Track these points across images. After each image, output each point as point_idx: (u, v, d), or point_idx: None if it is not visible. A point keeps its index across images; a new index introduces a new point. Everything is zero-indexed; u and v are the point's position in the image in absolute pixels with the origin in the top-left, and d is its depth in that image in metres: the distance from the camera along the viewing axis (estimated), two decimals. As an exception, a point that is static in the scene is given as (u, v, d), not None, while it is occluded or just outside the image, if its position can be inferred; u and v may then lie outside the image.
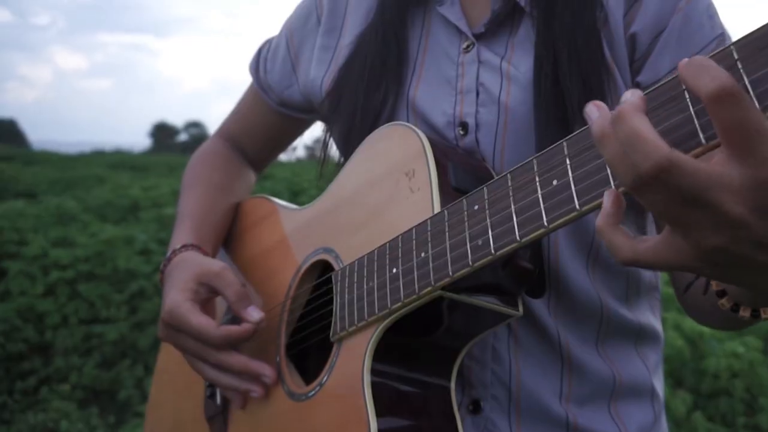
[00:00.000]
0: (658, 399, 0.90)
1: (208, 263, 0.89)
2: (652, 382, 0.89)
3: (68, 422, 3.98)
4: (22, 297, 5.16)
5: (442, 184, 0.72)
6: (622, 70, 0.81)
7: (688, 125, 0.49)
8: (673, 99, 0.50)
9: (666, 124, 0.50)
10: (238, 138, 1.16)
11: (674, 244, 0.49)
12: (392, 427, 0.70)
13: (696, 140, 0.48)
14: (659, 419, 0.91)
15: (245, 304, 0.84)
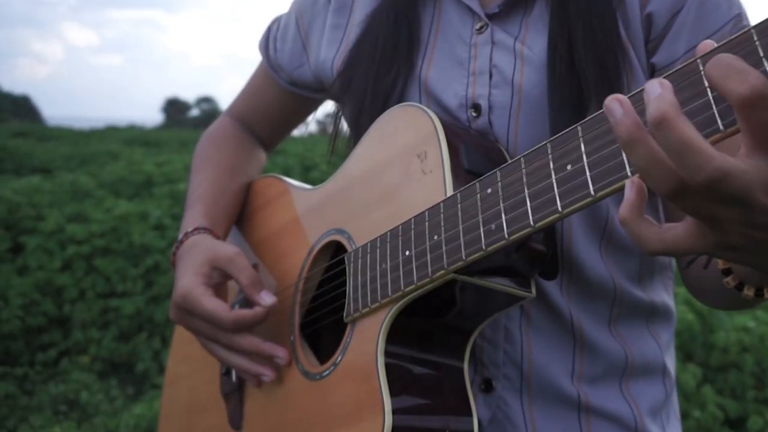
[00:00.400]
0: (669, 376, 0.90)
1: (221, 248, 0.89)
2: (663, 359, 0.89)
3: (88, 393, 4.06)
4: (41, 271, 5.22)
5: (454, 167, 0.72)
6: (638, 51, 0.79)
7: (706, 111, 0.48)
8: (691, 84, 0.49)
9: (683, 109, 0.49)
10: (248, 117, 1.15)
11: (701, 233, 0.49)
12: (406, 407, 0.71)
13: (714, 127, 0.47)
14: (670, 396, 0.91)
15: (258, 289, 0.84)
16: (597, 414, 0.83)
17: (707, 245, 0.49)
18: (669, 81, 0.49)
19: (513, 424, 0.82)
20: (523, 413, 0.82)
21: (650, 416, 0.86)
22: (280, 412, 0.84)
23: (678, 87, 0.50)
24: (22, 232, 5.68)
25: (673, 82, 0.50)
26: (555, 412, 0.82)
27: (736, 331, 2.87)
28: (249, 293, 0.85)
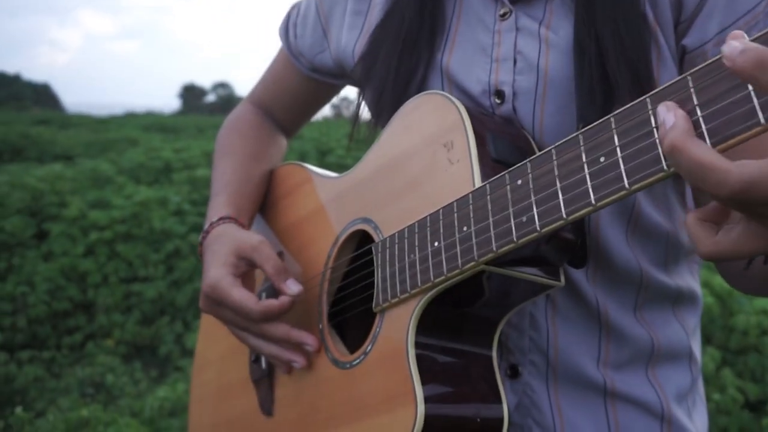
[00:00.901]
0: (695, 361, 0.90)
1: (247, 237, 0.89)
2: (689, 344, 0.88)
3: (113, 376, 4.12)
4: (65, 257, 5.29)
5: (481, 156, 0.71)
6: (666, 33, 0.77)
7: (746, 104, 0.47)
8: (730, 75, 0.48)
9: (721, 103, 0.48)
10: (269, 104, 1.14)
11: (757, 234, 0.50)
12: (437, 396, 0.71)
13: (755, 120, 0.46)
14: (696, 381, 0.90)
15: (284, 277, 0.85)
16: (623, 399, 0.83)
17: (763, 246, 0.50)
18: (704, 71, 0.49)
19: (539, 410, 0.82)
20: (549, 399, 0.82)
21: (676, 401, 0.86)
22: (311, 399, 0.85)
23: (715, 78, 0.49)
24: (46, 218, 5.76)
25: (710, 72, 0.49)
26: (581, 397, 0.82)
27: (756, 314, 2.85)
28: (275, 282, 0.85)
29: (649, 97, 0.53)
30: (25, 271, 5.20)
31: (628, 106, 0.55)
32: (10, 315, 4.79)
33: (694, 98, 0.50)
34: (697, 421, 0.89)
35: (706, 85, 0.50)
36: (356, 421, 0.77)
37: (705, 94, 0.49)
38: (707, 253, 0.52)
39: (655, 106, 0.53)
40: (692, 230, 0.53)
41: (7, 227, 5.54)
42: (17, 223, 5.61)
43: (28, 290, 5.03)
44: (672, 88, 0.52)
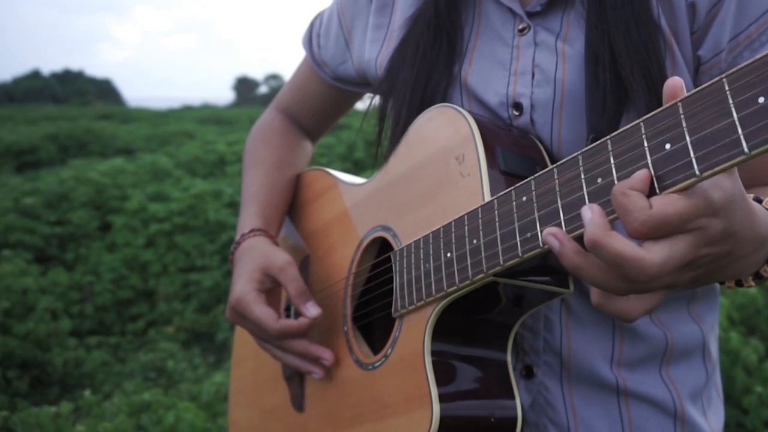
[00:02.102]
0: (710, 357, 0.89)
1: (274, 255, 0.92)
2: (705, 341, 0.88)
3: (174, 361, 4.29)
4: (127, 248, 5.52)
5: (491, 169, 0.73)
6: (682, 43, 0.77)
7: (731, 133, 0.48)
8: (716, 104, 0.49)
9: (707, 130, 0.49)
10: (294, 110, 1.17)
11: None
12: (453, 398, 0.74)
13: (738, 149, 0.47)
14: (712, 377, 0.90)
15: (304, 300, 0.89)
16: (636, 398, 0.84)
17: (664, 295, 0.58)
18: (694, 98, 0.50)
19: (553, 409, 0.84)
20: (563, 398, 0.84)
21: (690, 400, 0.86)
22: (337, 397, 0.89)
23: (702, 105, 0.50)
24: (110, 211, 6.02)
25: (699, 100, 0.50)
26: (594, 397, 0.84)
27: (806, 304, 2.75)
28: (296, 303, 0.89)
29: (643, 122, 0.55)
30: (91, 262, 5.46)
31: (622, 130, 0.56)
32: (79, 303, 5.04)
33: (683, 123, 0.51)
34: (712, 420, 0.89)
35: (695, 111, 0.51)
36: (378, 420, 0.81)
37: (694, 120, 0.50)
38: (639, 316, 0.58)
39: (648, 131, 0.54)
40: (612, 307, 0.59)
41: (73, 220, 5.82)
42: (83, 215, 5.88)
43: (95, 279, 5.28)
44: (664, 114, 0.53)
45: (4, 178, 7.81)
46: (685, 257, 0.53)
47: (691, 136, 0.50)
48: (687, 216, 0.52)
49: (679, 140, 0.51)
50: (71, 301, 5.02)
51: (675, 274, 0.54)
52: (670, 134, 0.52)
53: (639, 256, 0.52)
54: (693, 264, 0.54)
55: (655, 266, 0.52)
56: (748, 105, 0.47)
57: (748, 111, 0.47)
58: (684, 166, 0.51)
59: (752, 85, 0.47)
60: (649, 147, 0.53)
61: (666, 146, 0.52)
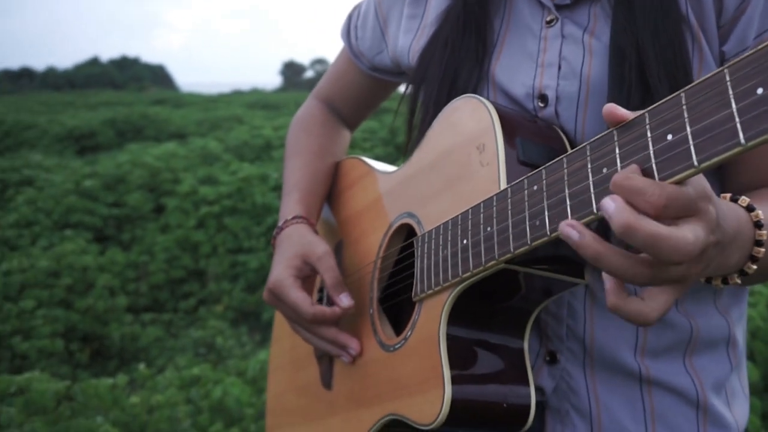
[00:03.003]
0: (735, 349, 0.88)
1: (314, 245, 0.96)
2: (731, 333, 0.87)
3: (222, 338, 4.44)
4: (179, 229, 5.70)
5: (509, 159, 0.74)
6: (709, 37, 0.76)
7: (728, 123, 0.48)
8: (717, 95, 0.49)
9: (706, 121, 0.49)
10: (333, 100, 1.20)
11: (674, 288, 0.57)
12: (465, 381, 0.76)
13: (735, 141, 0.47)
14: (737, 369, 0.89)
15: (339, 290, 0.92)
16: (659, 386, 0.84)
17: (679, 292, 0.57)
18: (698, 88, 0.51)
19: (576, 394, 0.85)
20: (586, 385, 0.85)
21: (714, 390, 0.86)
22: (361, 377, 0.92)
23: (705, 96, 0.50)
24: (163, 194, 6.21)
25: (703, 90, 0.50)
26: (617, 384, 0.84)
27: None
28: (331, 293, 0.92)
29: (648, 112, 0.55)
30: (146, 242, 5.67)
31: (629, 121, 0.56)
32: (134, 281, 5.25)
33: (685, 114, 0.51)
34: (736, 412, 0.88)
35: (698, 101, 0.51)
36: (396, 400, 0.83)
37: (695, 111, 0.51)
38: (654, 319, 0.57)
39: (652, 122, 0.54)
40: (628, 308, 0.57)
41: (130, 202, 6.04)
42: (138, 198, 6.10)
43: (149, 259, 5.48)
44: (668, 104, 0.53)
45: (65, 161, 8.14)
46: (707, 239, 0.53)
47: (692, 126, 0.50)
48: (695, 195, 0.52)
49: (680, 131, 0.51)
50: (127, 279, 5.23)
51: (693, 262, 0.54)
52: (672, 125, 0.52)
53: (675, 234, 0.51)
54: (706, 251, 0.54)
55: (689, 244, 0.51)
56: (747, 95, 0.47)
57: (746, 102, 0.47)
58: (683, 156, 0.51)
59: (752, 76, 0.47)
60: (652, 137, 0.54)
61: (668, 137, 0.52)
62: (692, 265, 0.55)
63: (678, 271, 0.54)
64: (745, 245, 0.62)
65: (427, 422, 0.76)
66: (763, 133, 0.45)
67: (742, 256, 0.63)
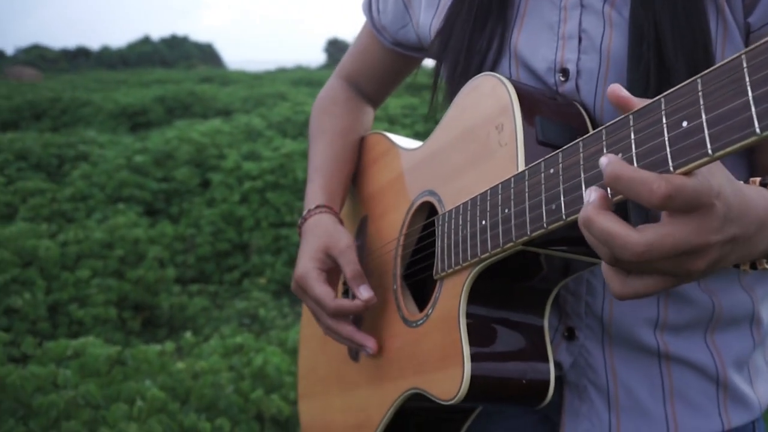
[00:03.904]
0: (759, 326, 0.87)
1: (337, 237, 0.96)
2: (755, 310, 0.86)
3: (265, 310, 4.54)
4: (224, 204, 5.81)
5: (527, 140, 0.73)
6: (734, 7, 0.73)
7: (744, 112, 0.46)
8: (733, 81, 0.48)
9: (722, 109, 0.48)
10: (356, 77, 1.19)
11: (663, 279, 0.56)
12: (485, 359, 0.77)
13: (750, 130, 0.46)
14: (761, 346, 0.88)
15: (359, 283, 0.93)
16: (678, 362, 0.83)
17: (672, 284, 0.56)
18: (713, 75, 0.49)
19: (593, 370, 0.85)
20: (604, 361, 0.84)
21: (735, 367, 0.84)
22: (385, 351, 0.94)
23: (720, 84, 0.49)
24: (209, 169, 6.33)
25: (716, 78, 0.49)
26: (635, 360, 0.84)
27: None
28: (351, 286, 0.93)
29: (664, 97, 0.54)
30: (193, 215, 5.80)
31: (644, 105, 0.55)
32: (182, 253, 5.39)
33: (701, 101, 0.50)
34: (759, 389, 0.86)
35: (714, 88, 0.49)
36: (419, 375, 0.85)
37: (711, 98, 0.49)
38: (619, 294, 0.56)
39: (668, 108, 0.53)
40: (606, 275, 0.57)
41: (177, 177, 6.18)
42: (186, 173, 6.23)
43: (196, 232, 5.62)
44: (684, 90, 0.52)
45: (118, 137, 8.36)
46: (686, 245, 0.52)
47: (707, 114, 0.49)
48: (702, 190, 0.51)
49: (695, 118, 0.50)
50: (176, 252, 5.38)
51: (675, 260, 0.53)
52: (687, 111, 0.51)
53: (625, 233, 0.52)
54: (703, 251, 0.53)
55: (640, 245, 0.52)
56: (763, 84, 0.45)
57: (763, 90, 0.45)
58: (698, 145, 0.50)
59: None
60: (668, 124, 0.53)
61: (683, 123, 0.51)
62: (683, 260, 0.53)
63: (649, 267, 0.54)
64: None
65: (448, 398, 0.78)
66: None
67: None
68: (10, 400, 2.47)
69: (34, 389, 2.49)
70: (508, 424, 0.96)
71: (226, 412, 2.76)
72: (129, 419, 2.37)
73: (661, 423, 0.83)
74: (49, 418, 2.39)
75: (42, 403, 2.38)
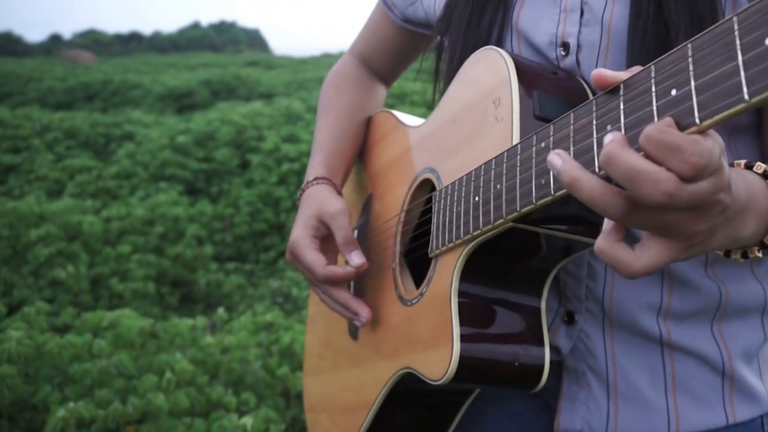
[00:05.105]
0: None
1: (329, 203, 0.94)
2: (767, 302, 0.81)
3: (298, 289, 4.58)
4: (262, 185, 5.88)
5: (524, 114, 0.70)
6: None
7: (733, 77, 0.42)
8: (724, 45, 0.44)
9: (711, 74, 0.44)
10: (367, 55, 1.17)
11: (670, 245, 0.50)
12: (475, 339, 0.74)
13: (738, 96, 0.42)
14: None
15: (349, 249, 0.90)
16: (682, 352, 0.79)
17: (679, 253, 0.50)
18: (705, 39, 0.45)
19: (593, 356, 0.81)
20: (604, 347, 0.81)
21: (743, 359, 0.80)
22: (381, 329, 0.92)
23: (711, 49, 0.45)
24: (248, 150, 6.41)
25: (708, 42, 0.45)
26: (637, 347, 0.80)
27: None
28: (342, 252, 0.91)
29: (654, 65, 0.50)
30: (232, 195, 5.89)
31: (636, 73, 0.52)
32: (220, 232, 5.49)
33: (690, 67, 0.46)
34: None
35: (704, 53, 0.45)
36: (411, 354, 0.83)
37: (701, 63, 0.45)
38: (639, 270, 0.50)
39: (658, 76, 0.49)
40: (613, 254, 0.51)
41: (217, 157, 6.27)
42: (225, 153, 6.32)
43: (234, 211, 5.70)
44: (674, 57, 0.48)
45: (164, 118, 8.54)
46: (710, 194, 0.47)
47: (696, 80, 0.45)
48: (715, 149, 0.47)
49: (684, 85, 0.46)
50: (214, 230, 5.47)
51: (689, 215, 0.48)
52: (676, 78, 0.47)
53: (656, 170, 0.46)
54: (709, 210, 0.48)
55: (671, 182, 0.45)
56: (754, 46, 0.41)
57: (752, 53, 0.41)
58: (685, 113, 0.46)
59: (761, 24, 0.41)
60: (656, 92, 0.49)
61: (672, 92, 0.47)
62: (689, 217, 0.48)
63: (668, 218, 0.48)
64: (761, 215, 0.56)
65: (436, 378, 0.76)
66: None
67: (759, 227, 0.57)
68: (48, 368, 2.56)
69: (71, 358, 2.57)
70: (508, 409, 0.93)
71: (253, 388, 2.80)
72: (158, 390, 2.42)
73: (661, 413, 0.79)
74: (84, 385, 2.46)
75: (77, 371, 2.46)
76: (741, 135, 0.77)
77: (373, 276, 0.96)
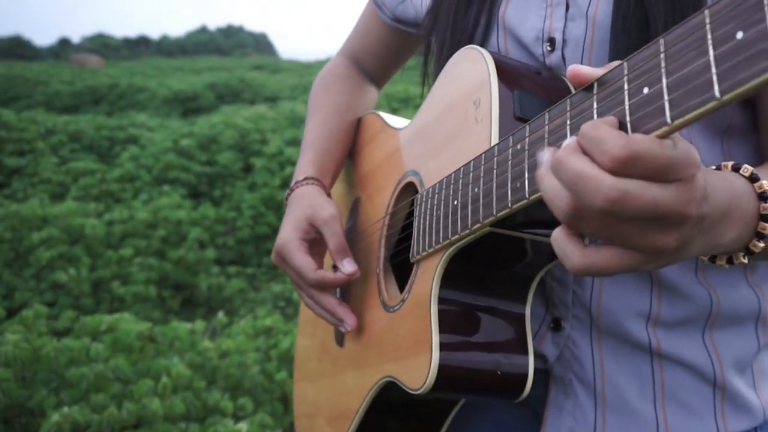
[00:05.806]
0: (765, 325, 0.79)
1: (321, 207, 0.92)
2: (761, 308, 0.78)
3: (299, 293, 4.57)
4: (265, 188, 5.87)
5: (503, 115, 0.68)
6: None
7: (704, 74, 0.40)
8: (696, 40, 0.42)
9: (682, 71, 0.42)
10: (358, 55, 1.16)
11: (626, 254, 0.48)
12: (455, 347, 0.72)
13: (710, 94, 0.40)
14: (766, 347, 0.80)
15: (342, 256, 0.88)
16: (671, 360, 0.77)
17: (640, 263, 0.48)
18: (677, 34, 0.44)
19: (580, 364, 0.79)
20: (592, 354, 0.78)
21: (736, 369, 0.77)
22: (366, 336, 0.90)
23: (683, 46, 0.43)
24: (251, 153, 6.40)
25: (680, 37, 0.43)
26: (625, 355, 0.78)
27: None
28: (334, 258, 0.89)
29: (627, 62, 0.48)
30: (235, 199, 5.88)
31: (609, 70, 0.50)
32: (222, 235, 5.48)
33: (662, 63, 0.44)
34: (765, 393, 0.79)
35: (676, 49, 0.43)
36: (392, 362, 0.81)
37: (673, 60, 0.43)
38: (577, 266, 0.48)
39: (631, 73, 0.47)
40: (561, 244, 0.49)
41: (221, 161, 6.27)
42: (229, 157, 6.31)
43: (237, 215, 5.69)
44: (646, 53, 0.46)
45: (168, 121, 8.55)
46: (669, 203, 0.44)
47: (668, 78, 0.43)
48: (681, 158, 0.44)
49: (656, 83, 0.44)
50: (216, 234, 5.46)
51: (648, 227, 0.46)
52: (648, 76, 0.45)
53: (600, 175, 0.44)
54: (676, 224, 0.46)
55: (615, 189, 0.43)
56: (725, 41, 0.39)
57: (723, 48, 0.39)
58: (657, 112, 0.44)
59: (732, 17, 0.39)
60: (629, 90, 0.47)
61: (644, 90, 0.45)
62: (649, 229, 0.46)
63: (619, 228, 0.46)
64: (746, 220, 0.54)
65: (415, 387, 0.73)
66: (739, 84, 0.38)
67: (743, 232, 0.54)
68: (44, 371, 2.55)
69: (67, 361, 2.57)
70: (495, 417, 0.91)
71: (251, 393, 2.78)
72: (153, 395, 2.41)
73: (650, 424, 0.76)
74: (80, 389, 2.45)
75: (74, 375, 2.45)
76: (735, 136, 0.75)
77: (359, 281, 0.94)
